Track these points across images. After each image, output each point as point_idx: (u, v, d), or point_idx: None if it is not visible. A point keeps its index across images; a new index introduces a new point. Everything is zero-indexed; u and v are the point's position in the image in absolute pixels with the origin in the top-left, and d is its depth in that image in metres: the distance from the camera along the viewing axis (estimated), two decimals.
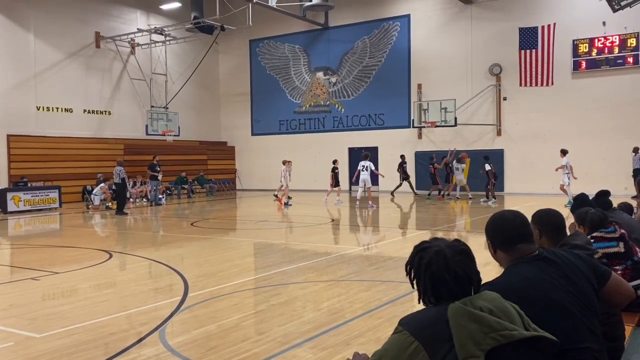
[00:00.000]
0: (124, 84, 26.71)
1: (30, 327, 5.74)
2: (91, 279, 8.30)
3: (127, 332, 5.63)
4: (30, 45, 23.05)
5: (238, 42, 30.79)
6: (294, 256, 9.96)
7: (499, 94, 24.56)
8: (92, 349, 5.02)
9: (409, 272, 2.01)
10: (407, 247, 10.58)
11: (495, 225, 2.48)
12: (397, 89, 26.77)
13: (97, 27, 25.54)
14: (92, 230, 15.93)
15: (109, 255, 10.28)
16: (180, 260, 9.89)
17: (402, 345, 1.78)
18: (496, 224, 2.48)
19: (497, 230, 2.47)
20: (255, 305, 6.81)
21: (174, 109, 27.52)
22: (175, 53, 28.63)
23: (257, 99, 31.24)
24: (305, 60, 29.69)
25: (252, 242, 12.20)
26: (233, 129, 31.94)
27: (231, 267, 9.23)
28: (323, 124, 29.23)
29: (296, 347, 4.97)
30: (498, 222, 2.48)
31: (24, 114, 22.66)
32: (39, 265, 9.45)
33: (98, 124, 25.53)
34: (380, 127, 27.47)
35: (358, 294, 7.02)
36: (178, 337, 5.34)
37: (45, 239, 13.31)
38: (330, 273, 8.41)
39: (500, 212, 2.53)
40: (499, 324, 1.77)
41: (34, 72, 23.09)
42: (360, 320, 5.81)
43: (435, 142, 25.93)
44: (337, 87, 28.79)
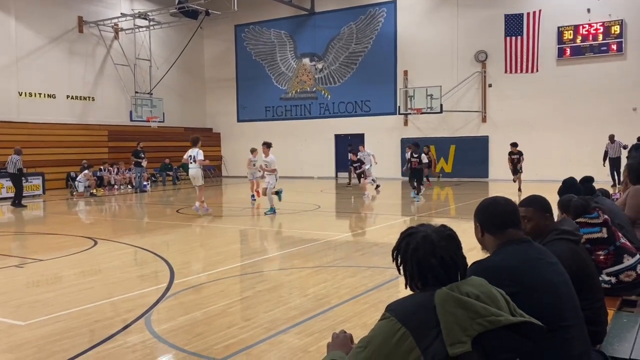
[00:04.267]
0: (108, 70, 26.36)
1: (15, 315, 5.70)
2: (76, 266, 8.24)
3: (113, 319, 5.60)
4: (11, 30, 22.61)
5: (223, 27, 30.48)
6: (280, 243, 9.97)
7: (484, 80, 24.64)
8: (78, 336, 4.99)
9: (396, 257, 2.01)
10: (392, 234, 10.63)
11: (487, 209, 2.55)
12: (384, 76, 26.73)
13: (79, 11, 25.12)
14: (77, 217, 15.79)
15: (93, 242, 10.20)
16: (165, 247, 9.85)
17: (389, 332, 1.78)
18: (488, 208, 2.55)
19: (488, 214, 2.53)
20: (241, 291, 6.81)
21: (158, 95, 27.24)
22: (159, 38, 28.28)
23: (242, 85, 31.03)
24: (292, 46, 29.51)
25: (238, 229, 12.18)
26: (218, 116, 31.73)
27: (217, 254, 9.21)
28: (309, 111, 29.14)
29: (282, 332, 4.98)
30: (490, 206, 2.55)
31: (6, 100, 22.29)
32: (23, 253, 9.36)
33: (82, 110, 25.20)
34: (366, 113, 27.46)
35: (344, 279, 7.05)
36: (164, 324, 5.33)
37: (28, 226, 13.17)
38: (317, 259, 8.43)
39: (492, 198, 2.60)
40: (486, 309, 1.77)
41: (16, 58, 22.67)
42: (346, 305, 5.84)
43: (421, 128, 25.99)
44: (324, 73, 28.67)
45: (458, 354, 1.70)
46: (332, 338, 2.22)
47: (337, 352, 2.10)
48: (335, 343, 2.18)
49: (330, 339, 2.22)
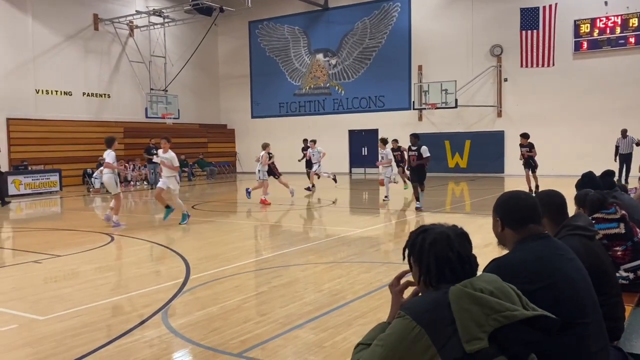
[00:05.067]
0: (123, 67, 26.56)
1: (34, 310, 5.78)
2: (93, 262, 8.34)
3: (130, 314, 5.67)
4: (29, 28, 22.87)
5: (237, 24, 30.55)
6: (295, 238, 9.99)
7: (499, 75, 24.44)
8: (95, 331, 5.05)
9: (410, 253, 2.02)
10: (407, 230, 10.62)
11: (508, 203, 2.53)
12: (398, 71, 26.63)
13: (95, 9, 25.33)
14: (93, 213, 15.95)
15: (110, 238, 10.31)
16: (181, 242, 9.92)
17: (404, 330, 1.79)
18: (509, 202, 2.53)
19: (509, 208, 2.51)
20: (257, 287, 6.84)
21: (173, 92, 27.40)
22: (174, 35, 28.42)
23: (256, 81, 31.10)
24: (305, 42, 29.49)
25: (253, 225, 12.23)
26: (233, 112, 31.83)
27: (232, 249, 9.26)
28: (323, 106, 29.13)
29: (298, 328, 5.01)
30: (511, 201, 2.53)
31: (23, 97, 22.57)
32: (41, 249, 9.48)
33: (98, 107, 25.44)
34: (380, 109, 27.38)
35: (359, 275, 7.06)
36: (180, 318, 5.37)
37: (46, 222, 13.33)
38: (331, 255, 8.44)
39: (513, 192, 2.58)
40: (500, 305, 1.78)
41: (33, 55, 22.94)
42: (361, 301, 5.85)
43: (436, 124, 25.86)
44: (337, 69, 28.63)
45: (475, 351, 1.70)
46: (393, 282, 2.24)
47: (384, 324, 2.09)
48: (392, 303, 2.22)
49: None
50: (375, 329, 2.09)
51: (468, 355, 1.70)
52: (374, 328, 2.11)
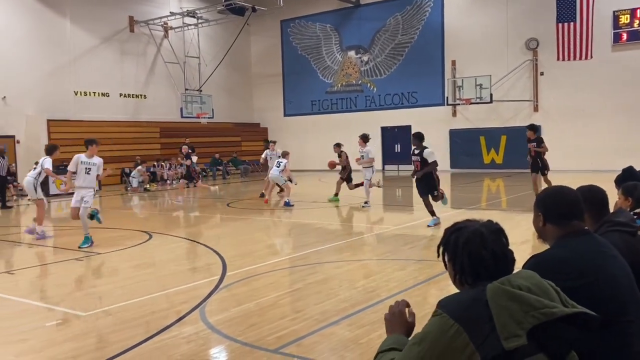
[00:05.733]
0: (158, 68, 27.03)
1: (76, 306, 5.95)
2: (132, 259, 8.53)
3: (168, 310, 5.78)
4: (67, 31, 23.48)
5: (269, 23, 30.73)
6: (328, 236, 10.01)
7: (535, 69, 23.97)
8: (135, 327, 5.17)
9: (444, 252, 2.01)
10: (441, 227, 10.52)
11: (553, 199, 2.49)
12: (431, 66, 26.38)
13: (130, 11, 25.83)
14: (132, 211, 16.29)
15: (148, 235, 10.52)
16: (217, 240, 10.05)
17: (442, 328, 1.78)
18: (553, 198, 2.49)
19: (553, 203, 2.47)
20: (292, 283, 6.89)
21: (207, 92, 27.75)
22: (207, 36, 28.77)
23: (289, 79, 31.24)
24: (337, 40, 29.48)
25: (287, 222, 12.30)
26: (265, 111, 32.05)
27: (267, 246, 9.35)
28: (355, 104, 29.07)
29: (333, 324, 5.03)
30: (556, 196, 2.49)
31: (63, 99, 23.19)
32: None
33: (134, 108, 25.97)
34: (413, 105, 27.18)
35: (393, 273, 7.04)
36: (218, 315, 5.46)
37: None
38: (365, 252, 8.44)
39: (557, 187, 2.55)
40: (539, 302, 1.76)
41: (71, 58, 23.55)
42: (396, 298, 5.81)
43: (470, 119, 25.53)
44: (369, 65, 28.53)
45: (513, 348, 1.69)
46: (389, 313, 2.21)
47: (396, 335, 2.10)
48: (392, 321, 2.17)
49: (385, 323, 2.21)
50: (390, 338, 2.09)
51: (507, 353, 1.69)
52: (387, 338, 2.11)
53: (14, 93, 21.50)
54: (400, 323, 2.14)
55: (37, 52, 22.32)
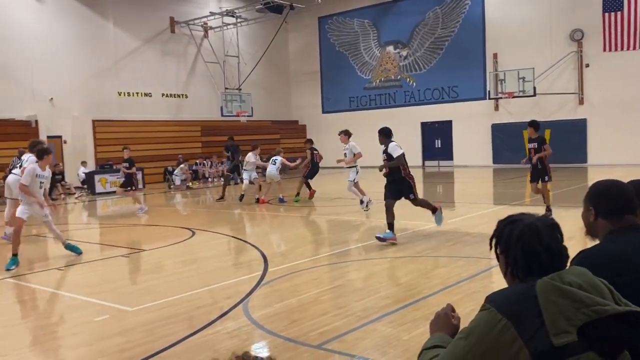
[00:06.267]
0: (199, 67, 27.45)
1: (124, 301, 6.11)
2: (176, 256, 8.70)
3: (212, 305, 5.88)
4: (110, 34, 24.09)
5: (307, 20, 30.80)
6: (369, 233, 9.98)
7: (580, 60, 23.29)
8: (181, 322, 5.28)
9: (496, 245, 1.98)
10: (484, 223, 10.37)
11: (605, 193, 2.42)
12: (472, 60, 25.95)
13: (171, 12, 26.31)
14: (175, 209, 16.61)
15: (191, 232, 10.71)
16: (258, 236, 10.16)
17: (490, 323, 1.76)
18: (605, 192, 2.42)
19: (605, 198, 2.40)
20: (333, 280, 6.90)
21: (246, 90, 28.03)
22: (246, 34, 29.04)
23: (327, 76, 31.25)
24: (375, 35, 29.32)
25: (327, 219, 12.32)
26: (304, 108, 32.16)
27: (307, 243, 9.39)
28: (394, 99, 28.87)
29: (375, 321, 5.01)
30: (610, 190, 2.42)
31: (107, 99, 23.81)
32: (128, 243, 10.00)
33: (176, 107, 26.46)
34: (454, 99, 26.80)
35: (435, 269, 6.98)
36: (260, 310, 5.52)
37: (131, 219, 14.01)
38: (407, 249, 8.38)
39: (610, 180, 2.46)
40: (590, 299, 1.72)
41: (115, 60, 24.15)
42: (439, 296, 5.77)
43: (513, 113, 25.00)
44: (408, 60, 28.27)
45: (563, 344, 1.66)
46: (434, 316, 2.21)
47: (440, 334, 2.09)
48: (437, 322, 2.17)
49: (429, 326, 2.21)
50: (434, 336, 2.07)
51: (556, 349, 1.66)
52: (431, 336, 2.09)
53: (61, 95, 22.20)
54: (445, 324, 2.13)
55: (82, 54, 22.98)
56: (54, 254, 10.00)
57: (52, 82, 21.81)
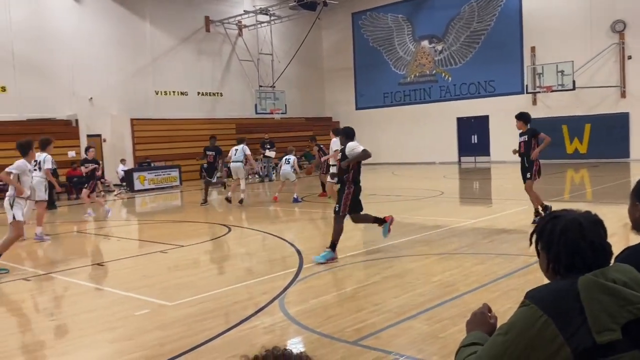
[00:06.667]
0: (233, 66, 27.73)
1: (163, 296, 6.22)
2: (213, 252, 8.83)
3: (248, 301, 5.94)
4: (147, 33, 24.54)
5: (340, 17, 30.75)
6: (404, 229, 9.93)
7: (622, 52, 22.62)
8: (218, 317, 5.36)
9: (538, 240, 1.95)
10: (522, 220, 10.20)
11: None
12: (509, 54, 25.49)
13: (206, 11, 26.63)
14: (211, 205, 16.83)
15: (227, 229, 10.83)
16: (293, 233, 10.22)
17: (530, 319, 1.74)
18: None
19: None
20: (368, 277, 6.89)
21: (280, 88, 28.18)
22: (280, 32, 29.18)
23: (360, 72, 31.15)
24: (410, 30, 29.07)
25: None
26: (337, 104, 32.13)
27: (342, 239, 9.36)
28: (429, 94, 28.59)
29: (411, 318, 4.99)
30: None
31: (144, 98, 24.28)
32: (166, 239, 10.18)
33: (211, 105, 26.80)
34: (490, 94, 26.38)
35: (472, 267, 6.89)
36: (296, 306, 5.55)
37: (169, 215, 14.28)
38: (442, 246, 8.30)
39: None
40: (635, 296, 1.69)
41: (151, 59, 24.59)
42: (475, 293, 5.71)
43: (552, 107, 24.48)
44: (444, 55, 27.95)
45: (606, 342, 1.63)
46: (471, 315, 2.19)
47: (477, 332, 2.07)
48: (473, 321, 2.15)
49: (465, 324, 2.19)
50: (471, 334, 2.04)
51: (598, 346, 1.63)
52: (468, 334, 2.07)
53: (100, 94, 22.73)
54: (481, 323, 2.11)
55: (120, 54, 23.47)
56: (95, 250, 10.28)
57: (91, 82, 22.34)
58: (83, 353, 4.71)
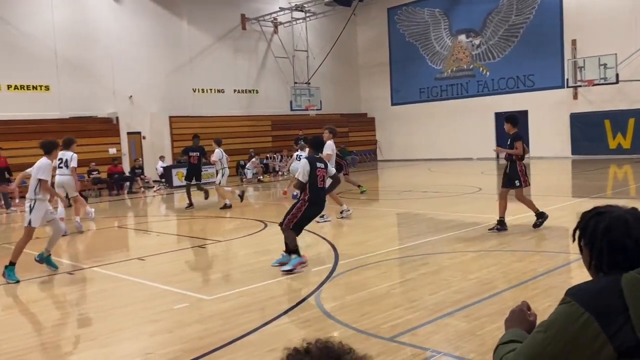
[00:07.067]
0: (269, 63, 27.91)
1: (202, 290, 6.34)
2: (249, 247, 8.92)
3: (285, 296, 6.00)
4: (184, 32, 24.90)
5: (376, 12, 30.58)
6: (440, 226, 9.84)
7: None
8: (256, 311, 5.42)
9: (580, 236, 1.91)
10: (563, 217, 9.99)
11: None
12: (548, 47, 24.89)
13: (242, 9, 26.86)
14: (247, 201, 16.99)
15: (264, 224, 10.93)
16: (329, 229, 10.23)
17: (571, 317, 1.70)
18: None
19: None
20: (404, 274, 6.86)
21: (315, 84, 28.22)
22: (315, 29, 29.22)
23: (396, 68, 30.92)
24: (446, 24, 28.70)
25: (397, 212, 12.24)
26: (372, 100, 31.99)
27: (377, 236, 9.37)
28: (467, 89, 28.18)
29: (448, 315, 4.95)
30: None
31: (182, 96, 24.66)
32: (204, 234, 10.35)
33: (247, 102, 27.05)
34: (530, 89, 25.83)
35: (510, 264, 6.79)
36: (332, 302, 5.57)
37: (206, 211, 14.47)
38: (480, 243, 8.20)
39: None
40: None
41: (189, 57, 24.96)
42: (514, 291, 5.63)
43: (594, 102, 23.82)
44: (481, 49, 27.50)
45: None
46: (509, 313, 2.16)
47: (516, 330, 2.04)
48: (512, 319, 2.12)
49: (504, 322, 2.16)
50: (510, 332, 2.01)
51: None
52: (507, 332, 2.04)
53: (139, 92, 23.19)
54: (520, 321, 2.07)
55: (158, 53, 23.89)
56: (135, 245, 10.52)
57: (131, 80, 22.82)
58: (124, 345, 4.84)
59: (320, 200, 7.21)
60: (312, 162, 7.08)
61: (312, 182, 7.01)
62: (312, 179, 7.01)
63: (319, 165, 7.10)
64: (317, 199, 7.11)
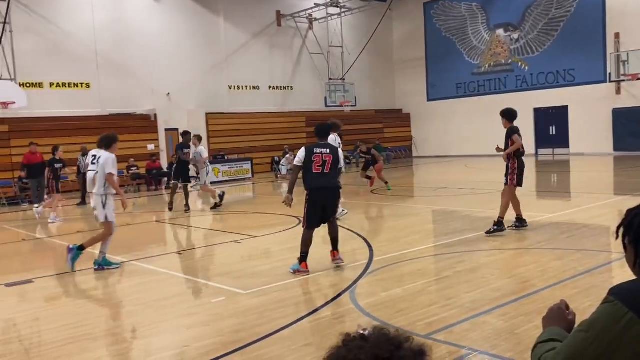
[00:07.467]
0: (304, 59, 27.96)
1: (237, 285, 6.41)
2: (284, 242, 8.97)
3: (319, 292, 6.01)
4: (221, 30, 25.16)
5: (412, 7, 30.29)
6: (477, 224, 9.69)
7: None
8: (290, 306, 5.46)
9: (625, 233, 1.85)
10: (604, 215, 9.73)
11: None
12: (590, 41, 24.22)
13: (277, 5, 26.97)
14: (281, 197, 17.11)
15: (298, 220, 10.97)
16: (364, 226, 10.22)
17: (613, 317, 1.66)
18: None
19: None
20: (440, 271, 6.80)
21: (350, 80, 28.15)
22: (350, 24, 29.12)
23: (432, 63, 30.58)
24: (484, 18, 28.22)
25: (432, 209, 12.12)
26: (408, 96, 31.72)
27: (413, 233, 9.30)
28: (505, 84, 27.68)
29: (485, 314, 4.88)
30: None
31: (218, 93, 24.94)
32: (239, 230, 10.45)
33: (282, 99, 27.17)
34: (570, 83, 25.20)
35: (550, 263, 6.65)
36: (367, 298, 5.56)
37: (242, 206, 14.64)
38: (518, 241, 8.06)
39: None
40: None
41: (226, 55, 25.21)
42: (553, 289, 5.51)
43: (638, 97, 23.09)
44: (520, 43, 26.95)
45: None
46: (547, 311, 2.12)
47: (554, 328, 2.00)
48: (550, 317, 2.08)
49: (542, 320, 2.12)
50: (548, 330, 1.97)
51: None
52: (545, 330, 1.99)
53: (177, 89, 23.55)
54: (559, 319, 2.03)
55: (195, 50, 24.20)
56: (173, 240, 10.71)
57: (169, 78, 23.18)
58: (162, 337, 4.93)
59: (320, 185, 7.06)
60: (309, 149, 7.04)
61: (307, 167, 6.98)
62: (306, 164, 6.97)
63: (318, 151, 6.99)
64: (314, 185, 7.05)
